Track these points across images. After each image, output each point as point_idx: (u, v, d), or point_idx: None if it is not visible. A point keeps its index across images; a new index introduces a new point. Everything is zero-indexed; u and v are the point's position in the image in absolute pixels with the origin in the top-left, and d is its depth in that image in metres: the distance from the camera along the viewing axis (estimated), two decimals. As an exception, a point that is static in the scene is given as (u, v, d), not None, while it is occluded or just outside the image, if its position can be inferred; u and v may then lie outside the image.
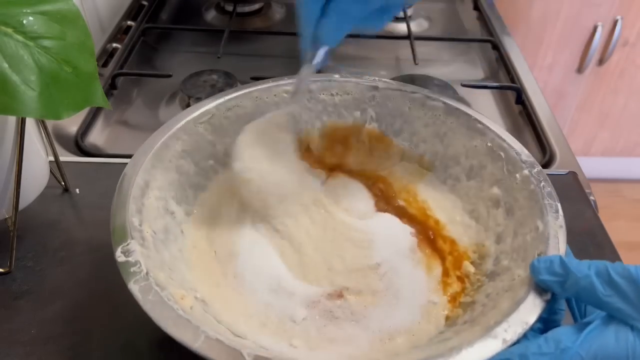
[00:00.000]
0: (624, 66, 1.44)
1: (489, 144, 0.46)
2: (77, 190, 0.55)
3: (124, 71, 0.77)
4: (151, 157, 0.43)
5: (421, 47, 0.83)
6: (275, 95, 0.50)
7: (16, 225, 0.46)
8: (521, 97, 0.73)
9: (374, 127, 0.52)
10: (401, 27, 0.89)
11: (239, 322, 0.40)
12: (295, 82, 0.48)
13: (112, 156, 0.61)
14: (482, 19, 0.95)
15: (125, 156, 0.60)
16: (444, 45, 0.88)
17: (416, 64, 0.79)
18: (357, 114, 0.52)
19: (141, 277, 0.35)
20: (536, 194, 0.41)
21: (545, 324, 0.36)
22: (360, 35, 0.92)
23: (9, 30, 0.37)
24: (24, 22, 0.37)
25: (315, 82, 0.51)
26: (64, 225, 0.51)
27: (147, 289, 0.34)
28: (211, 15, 0.94)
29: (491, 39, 0.86)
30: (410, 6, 0.41)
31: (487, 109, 0.74)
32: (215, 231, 0.46)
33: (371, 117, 0.52)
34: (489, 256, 0.43)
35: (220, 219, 0.47)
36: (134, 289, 0.34)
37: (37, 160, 0.49)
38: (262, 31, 0.90)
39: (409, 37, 0.83)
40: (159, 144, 0.44)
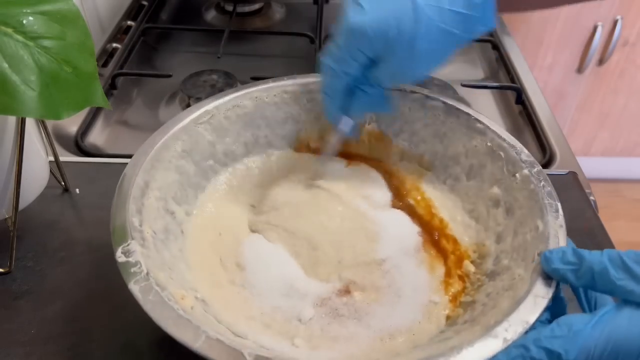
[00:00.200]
0: (624, 66, 1.44)
1: (489, 144, 0.46)
2: (77, 190, 0.55)
3: (124, 71, 0.77)
4: (151, 158, 0.43)
5: (421, 47, 0.83)
6: (275, 95, 0.51)
7: (16, 225, 0.46)
8: (521, 97, 0.73)
9: (373, 127, 0.52)
10: (401, 27, 0.89)
11: (240, 322, 0.39)
12: (323, 145, 0.49)
13: (112, 156, 0.61)
14: (482, 19, 0.95)
15: (125, 156, 0.60)
16: (444, 45, 0.88)
17: (416, 64, 0.79)
18: None
19: (141, 277, 0.35)
20: (536, 194, 0.41)
21: (552, 316, 0.36)
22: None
23: (9, 30, 0.37)
24: (24, 22, 0.37)
25: (314, 82, 0.51)
26: (63, 225, 0.51)
27: (148, 289, 0.34)
28: (211, 15, 0.94)
29: (491, 39, 0.86)
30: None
31: (487, 109, 0.74)
32: (217, 232, 0.46)
33: (371, 117, 0.52)
34: (489, 256, 0.43)
35: (223, 219, 0.47)
36: (135, 289, 0.34)
37: (37, 160, 0.48)
38: (262, 31, 0.90)
39: (409, 37, 0.83)
40: (159, 144, 0.44)
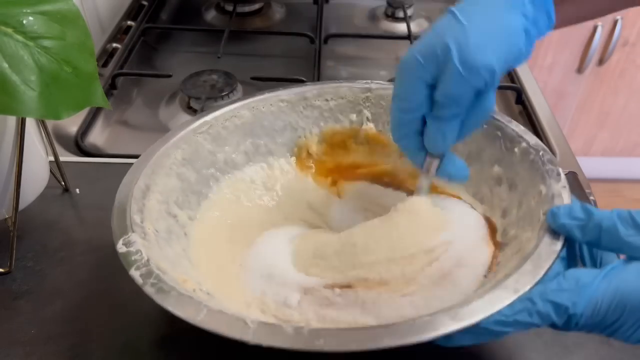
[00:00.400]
0: (624, 66, 1.44)
1: (485, 126, 0.46)
2: (77, 190, 0.55)
3: (124, 71, 0.77)
4: (151, 164, 0.43)
5: (421, 47, 0.83)
6: (271, 104, 0.51)
7: (16, 225, 0.46)
8: (521, 97, 0.73)
9: (371, 127, 0.52)
10: (401, 27, 0.89)
11: (241, 308, 0.39)
12: (416, 191, 0.45)
13: (112, 156, 0.61)
14: (482, 19, 0.95)
15: (125, 156, 0.60)
16: (444, 45, 0.88)
17: (416, 64, 0.79)
18: (353, 116, 0.52)
19: (142, 263, 0.35)
20: (536, 163, 0.41)
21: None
22: (359, 35, 0.91)
23: (9, 30, 0.37)
24: (24, 22, 0.37)
25: (309, 89, 0.52)
26: (64, 225, 0.51)
27: (148, 274, 0.34)
28: (211, 15, 0.94)
29: (491, 39, 0.86)
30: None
31: (487, 109, 0.74)
32: (226, 234, 0.46)
33: (367, 117, 0.52)
34: (496, 230, 0.42)
35: (231, 223, 0.47)
36: (135, 274, 0.34)
37: (37, 160, 0.48)
38: (262, 31, 0.90)
39: (409, 37, 0.83)
40: (159, 152, 0.44)
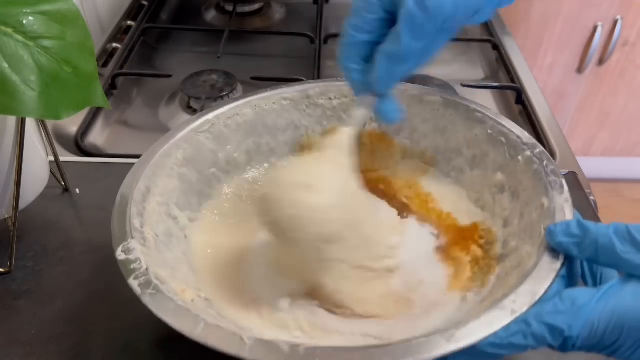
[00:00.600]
0: (624, 66, 1.44)
1: (489, 131, 0.46)
2: (77, 190, 0.55)
3: (124, 71, 0.77)
4: (152, 165, 0.43)
5: (421, 47, 0.83)
6: (274, 103, 0.51)
7: (16, 225, 0.46)
8: (521, 97, 0.73)
9: (374, 128, 0.52)
10: (401, 27, 0.89)
11: (240, 314, 0.39)
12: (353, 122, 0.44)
13: (112, 156, 0.61)
14: (482, 19, 0.95)
15: (125, 156, 0.60)
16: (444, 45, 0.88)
17: (416, 64, 0.79)
18: None
19: (141, 272, 0.35)
20: (540, 173, 0.40)
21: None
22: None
23: (9, 30, 0.37)
24: (24, 22, 0.37)
25: (313, 88, 0.51)
26: (63, 225, 0.51)
27: (147, 284, 0.34)
28: (211, 15, 0.94)
29: (491, 39, 0.86)
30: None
31: (487, 109, 0.74)
32: (224, 239, 0.46)
33: (370, 117, 0.52)
34: (497, 241, 0.42)
35: (229, 227, 0.47)
36: (134, 284, 0.34)
37: (37, 160, 0.48)
38: (262, 31, 0.90)
39: (409, 37, 0.83)
40: (160, 152, 0.44)
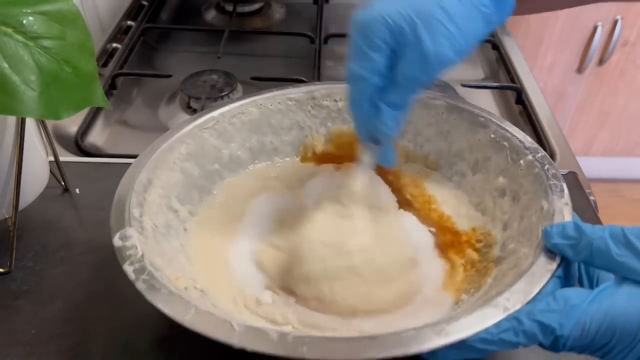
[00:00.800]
0: (624, 66, 1.44)
1: (492, 136, 0.46)
2: (77, 190, 0.55)
3: (124, 71, 0.77)
4: (155, 158, 0.43)
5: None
6: (279, 102, 0.51)
7: (16, 225, 0.46)
8: (521, 97, 0.73)
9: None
10: (401, 27, 0.89)
11: (230, 306, 0.39)
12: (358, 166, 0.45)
13: (112, 156, 0.61)
14: (482, 19, 0.95)
15: (125, 156, 0.60)
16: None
17: (416, 64, 0.79)
18: None
19: (136, 259, 0.35)
20: (540, 177, 0.41)
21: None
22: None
23: (9, 30, 0.37)
24: (24, 22, 0.37)
25: (318, 89, 0.52)
26: (63, 225, 0.51)
27: (141, 270, 0.34)
28: (211, 15, 0.94)
29: (491, 39, 0.86)
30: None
31: (487, 109, 0.73)
32: (223, 232, 0.46)
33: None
34: (495, 244, 0.42)
35: (229, 221, 0.47)
36: (128, 269, 0.34)
37: (37, 160, 0.48)
38: (262, 31, 0.90)
39: (409, 37, 0.83)
40: (163, 146, 0.45)
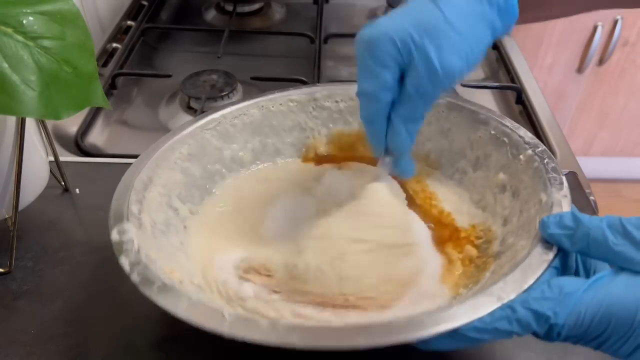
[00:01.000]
0: (624, 66, 1.44)
1: (493, 132, 0.46)
2: (77, 190, 0.55)
3: (124, 71, 0.77)
4: (156, 158, 0.44)
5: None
6: (280, 104, 0.51)
7: (16, 225, 0.46)
8: (521, 97, 0.73)
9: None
10: (401, 27, 0.89)
11: (224, 304, 0.39)
12: (376, 173, 0.46)
13: (112, 156, 0.61)
14: (482, 19, 0.95)
15: (125, 156, 0.60)
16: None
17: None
18: None
19: (132, 252, 0.35)
20: (540, 170, 0.41)
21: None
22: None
23: (9, 30, 0.37)
24: (24, 22, 0.37)
25: (320, 90, 0.52)
26: (63, 225, 0.51)
27: (136, 263, 0.34)
28: (211, 15, 0.94)
29: (491, 39, 0.86)
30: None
31: (487, 109, 0.74)
32: (221, 233, 0.46)
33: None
34: (495, 239, 0.42)
35: (230, 219, 0.47)
36: (124, 262, 0.34)
37: (37, 160, 0.48)
38: (262, 31, 0.90)
39: (409, 37, 0.83)
40: (164, 146, 0.45)
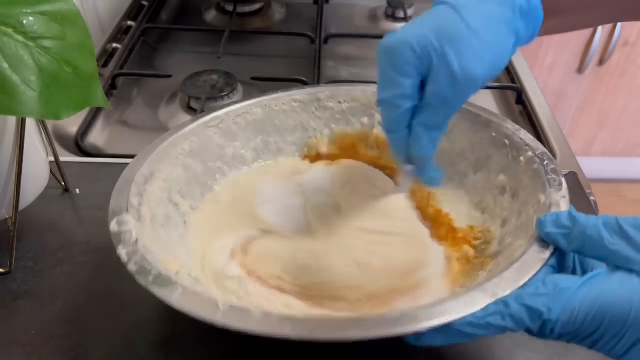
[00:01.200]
0: (624, 66, 1.44)
1: (493, 134, 0.46)
2: (77, 190, 0.55)
3: (124, 71, 0.77)
4: (158, 152, 0.44)
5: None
6: (283, 103, 0.51)
7: (16, 225, 0.46)
8: (521, 97, 0.73)
9: (381, 131, 0.52)
10: (401, 27, 0.89)
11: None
12: (397, 187, 0.45)
13: (112, 156, 0.61)
14: (482, 19, 0.95)
15: (125, 156, 0.60)
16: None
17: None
18: (365, 119, 0.52)
19: (130, 243, 0.35)
20: (539, 172, 0.41)
21: None
22: (359, 35, 0.91)
23: (9, 30, 0.37)
24: (24, 22, 0.37)
25: (322, 90, 0.52)
26: (63, 225, 0.51)
27: (134, 253, 0.35)
28: (211, 15, 0.94)
29: (491, 39, 0.86)
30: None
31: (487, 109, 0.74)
32: (223, 230, 0.46)
33: (378, 121, 0.52)
34: (494, 239, 0.43)
35: (230, 215, 0.47)
36: (121, 252, 0.35)
37: (37, 160, 0.48)
38: (262, 31, 0.90)
39: (409, 37, 0.83)
40: (166, 142, 0.45)
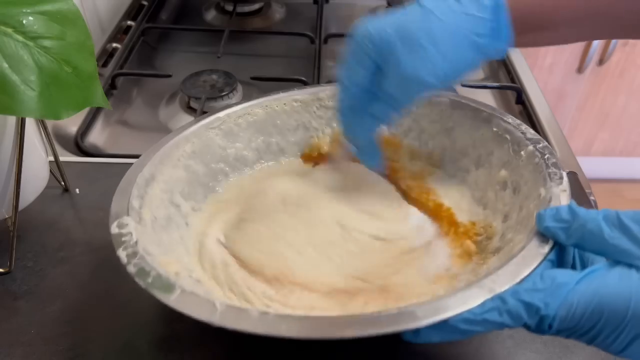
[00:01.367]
0: (624, 66, 1.44)
1: (495, 129, 0.46)
2: (77, 190, 0.55)
3: (124, 71, 0.77)
4: (159, 155, 0.44)
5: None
6: (284, 103, 0.52)
7: (16, 225, 0.46)
8: (521, 97, 0.73)
9: (383, 129, 0.52)
10: (401, 27, 0.89)
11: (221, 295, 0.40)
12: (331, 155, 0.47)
13: (112, 156, 0.61)
14: (482, 19, 0.95)
15: (125, 156, 0.60)
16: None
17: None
18: None
19: (130, 245, 0.36)
20: (540, 166, 0.41)
21: None
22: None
23: (9, 30, 0.37)
24: (24, 22, 0.37)
25: (324, 90, 0.52)
26: (63, 225, 0.51)
27: (134, 254, 0.35)
28: (211, 15, 0.94)
29: (491, 39, 0.86)
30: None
31: (487, 109, 0.74)
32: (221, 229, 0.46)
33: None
34: (496, 235, 0.43)
35: (229, 219, 0.47)
36: (122, 254, 0.35)
37: (37, 160, 0.48)
38: (262, 31, 0.90)
39: (409, 37, 0.83)
40: (168, 144, 0.45)
